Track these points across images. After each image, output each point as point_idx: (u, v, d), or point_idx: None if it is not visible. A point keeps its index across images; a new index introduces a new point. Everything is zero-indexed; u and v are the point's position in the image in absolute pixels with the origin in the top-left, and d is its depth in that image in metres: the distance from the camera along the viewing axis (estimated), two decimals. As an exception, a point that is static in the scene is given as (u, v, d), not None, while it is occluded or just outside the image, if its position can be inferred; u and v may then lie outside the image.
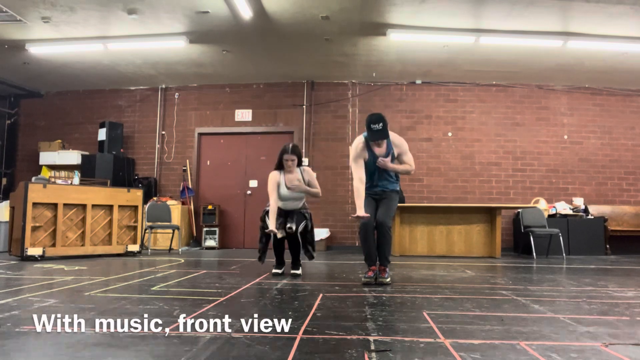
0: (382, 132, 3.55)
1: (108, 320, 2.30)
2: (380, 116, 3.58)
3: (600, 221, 7.52)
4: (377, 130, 3.54)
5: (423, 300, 3.03)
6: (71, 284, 3.58)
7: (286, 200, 4.23)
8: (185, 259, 6.00)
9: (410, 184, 8.09)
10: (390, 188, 3.87)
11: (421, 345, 1.92)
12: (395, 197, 3.91)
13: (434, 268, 5.17)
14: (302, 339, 1.99)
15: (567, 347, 1.91)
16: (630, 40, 6.25)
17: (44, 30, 6.23)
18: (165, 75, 8.21)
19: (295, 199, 4.25)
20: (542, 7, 5.44)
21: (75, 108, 8.98)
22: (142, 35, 6.41)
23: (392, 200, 3.86)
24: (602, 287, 3.76)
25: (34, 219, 5.49)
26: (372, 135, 3.58)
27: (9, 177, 8.96)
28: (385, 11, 5.67)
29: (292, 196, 4.22)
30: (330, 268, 5.08)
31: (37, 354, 1.73)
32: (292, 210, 4.25)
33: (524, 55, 6.88)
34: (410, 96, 8.28)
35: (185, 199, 8.30)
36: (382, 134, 3.55)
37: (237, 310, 2.60)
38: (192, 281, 3.83)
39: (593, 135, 8.21)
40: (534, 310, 2.70)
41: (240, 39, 6.51)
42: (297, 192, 4.21)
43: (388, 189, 3.86)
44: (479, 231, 7.06)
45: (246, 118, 8.53)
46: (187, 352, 1.77)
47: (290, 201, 4.25)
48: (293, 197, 4.23)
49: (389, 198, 3.85)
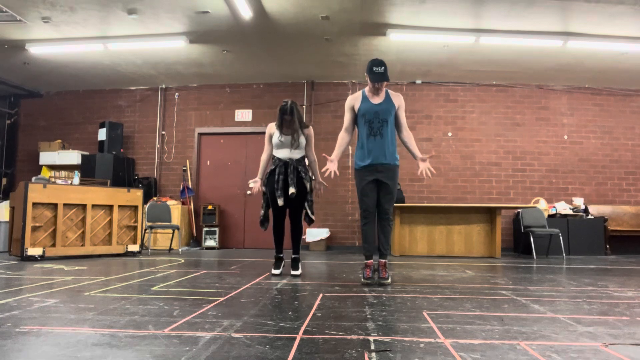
0: (384, 75, 3.63)
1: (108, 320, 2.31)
2: (382, 61, 3.69)
3: (600, 221, 7.53)
4: (380, 72, 3.63)
5: (423, 300, 3.03)
6: (71, 284, 3.58)
7: (279, 148, 4.21)
8: (185, 259, 6.00)
9: (410, 184, 8.10)
10: (392, 162, 3.72)
11: (421, 345, 1.91)
12: (397, 175, 3.80)
13: (434, 268, 5.17)
14: (302, 339, 1.99)
15: (567, 347, 1.91)
16: (630, 40, 6.25)
17: (44, 30, 6.24)
18: (165, 75, 8.21)
19: (287, 145, 4.19)
20: (542, 7, 5.45)
21: (75, 108, 8.98)
22: (142, 35, 6.41)
23: (394, 184, 3.77)
24: (602, 287, 3.76)
25: (34, 219, 5.49)
26: (373, 77, 3.65)
27: (9, 177, 8.96)
28: (385, 11, 5.68)
29: (284, 143, 4.18)
30: (330, 268, 5.08)
31: (37, 354, 1.73)
32: (290, 163, 4.17)
33: (524, 55, 6.89)
34: (410, 96, 8.28)
35: (185, 199, 8.30)
36: (383, 76, 3.64)
37: (237, 310, 2.59)
38: (192, 281, 3.83)
39: (593, 135, 8.21)
40: (534, 310, 2.70)
41: (240, 39, 6.52)
42: (292, 139, 4.17)
43: (390, 163, 3.71)
44: (479, 231, 7.07)
45: (246, 118, 8.54)
46: (187, 352, 1.77)
47: (282, 149, 4.21)
48: (284, 144, 4.18)
49: (392, 180, 3.72)
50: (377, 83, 3.66)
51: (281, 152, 4.22)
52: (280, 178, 4.14)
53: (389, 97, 3.77)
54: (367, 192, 3.73)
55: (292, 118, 4.15)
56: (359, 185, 3.79)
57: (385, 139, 3.70)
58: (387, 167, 3.72)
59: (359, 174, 3.79)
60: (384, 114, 3.70)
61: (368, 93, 3.78)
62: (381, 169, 3.71)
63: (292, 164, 4.18)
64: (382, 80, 3.65)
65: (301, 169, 4.21)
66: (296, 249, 4.38)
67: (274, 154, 4.27)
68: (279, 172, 4.16)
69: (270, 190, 4.22)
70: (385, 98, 3.75)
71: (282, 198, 4.12)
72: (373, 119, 3.70)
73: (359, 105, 3.77)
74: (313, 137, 4.33)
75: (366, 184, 3.73)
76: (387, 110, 3.71)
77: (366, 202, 3.74)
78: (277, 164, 4.20)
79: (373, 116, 3.70)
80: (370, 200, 3.73)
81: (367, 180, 3.72)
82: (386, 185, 3.73)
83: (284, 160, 4.20)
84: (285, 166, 4.18)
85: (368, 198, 3.73)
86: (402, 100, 3.85)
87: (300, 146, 4.24)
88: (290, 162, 4.18)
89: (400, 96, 3.85)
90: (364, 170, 3.74)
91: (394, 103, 3.75)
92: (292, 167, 4.16)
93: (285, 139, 4.18)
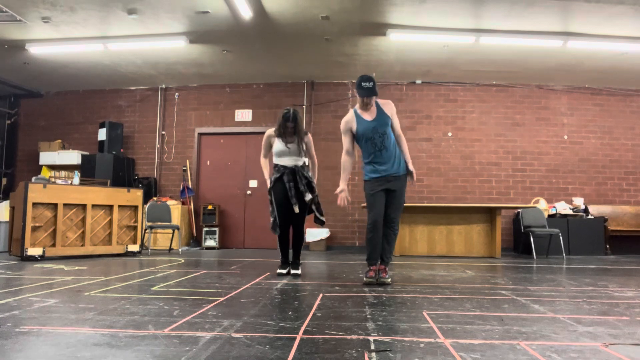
0: (372, 90, 3.68)
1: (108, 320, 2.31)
2: (371, 77, 3.74)
3: (600, 221, 7.52)
4: (368, 87, 3.68)
5: (423, 300, 3.03)
6: (71, 284, 3.58)
7: (283, 156, 4.22)
8: (185, 259, 6.00)
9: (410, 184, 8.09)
10: (402, 171, 3.78)
11: (421, 345, 1.91)
12: (406, 184, 3.84)
13: (434, 268, 5.17)
14: (302, 339, 1.99)
15: (567, 347, 1.91)
16: (630, 40, 6.25)
17: (44, 30, 6.23)
18: (165, 75, 8.21)
19: (293, 153, 4.21)
20: (542, 7, 5.45)
21: (75, 108, 8.98)
22: (142, 35, 6.41)
23: (404, 193, 3.81)
24: (602, 287, 3.76)
25: (34, 219, 5.49)
26: (362, 92, 3.70)
27: (9, 177, 8.96)
28: (385, 11, 5.67)
29: (290, 151, 4.19)
30: (330, 268, 5.08)
31: (37, 354, 1.73)
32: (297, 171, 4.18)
33: (524, 55, 6.88)
34: (410, 96, 8.28)
35: (185, 199, 8.30)
36: (371, 91, 3.68)
37: (237, 310, 2.59)
38: (192, 281, 3.83)
39: (593, 135, 8.21)
40: (534, 310, 2.70)
41: (240, 39, 6.52)
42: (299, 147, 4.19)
43: (399, 173, 3.77)
44: (479, 231, 7.06)
45: (246, 118, 8.54)
46: (187, 352, 1.77)
47: (287, 157, 4.22)
48: (291, 152, 4.20)
49: (402, 189, 3.78)
50: (365, 98, 3.70)
51: (285, 159, 4.22)
52: (292, 185, 4.14)
53: (381, 109, 3.79)
54: (377, 199, 3.74)
55: (295, 125, 4.16)
56: (369, 194, 3.79)
57: (390, 150, 3.75)
58: (398, 177, 3.77)
59: (370, 185, 3.80)
60: (381, 127, 3.75)
61: (359, 110, 3.81)
62: (391, 179, 3.75)
63: (299, 171, 4.19)
64: (370, 95, 3.68)
65: (307, 175, 4.24)
66: (297, 255, 4.38)
67: (277, 162, 4.25)
68: (288, 179, 4.15)
69: (279, 198, 4.18)
70: (377, 112, 3.78)
71: (297, 205, 4.12)
72: (373, 136, 3.74)
73: (356, 127, 3.79)
74: (312, 142, 4.39)
75: (376, 192, 3.74)
76: (383, 123, 3.76)
77: (375, 212, 3.73)
78: (283, 171, 4.19)
79: (372, 133, 3.74)
80: (378, 210, 3.74)
81: (377, 189, 3.74)
82: (395, 193, 3.76)
83: (290, 167, 4.20)
84: (293, 173, 4.18)
85: (377, 208, 3.74)
86: (392, 107, 3.87)
87: (301, 154, 4.27)
88: (296, 169, 4.20)
89: (390, 103, 3.87)
90: (376, 181, 3.76)
91: (386, 114, 3.79)
92: (300, 174, 4.18)
93: (292, 147, 4.19)
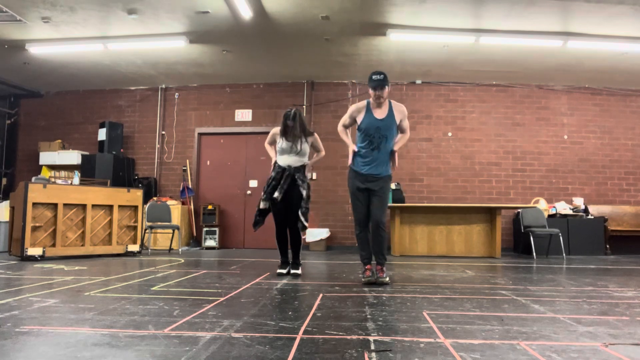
0: (382, 81, 3.71)
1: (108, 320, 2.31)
2: (382, 72, 3.78)
3: (600, 221, 7.52)
4: (378, 79, 3.71)
5: (423, 300, 3.03)
6: (71, 284, 3.58)
7: (283, 154, 4.25)
8: (185, 259, 6.00)
9: (410, 184, 8.10)
10: (384, 173, 3.84)
11: (421, 345, 1.92)
12: (389, 186, 3.92)
13: (434, 268, 5.17)
14: (302, 339, 1.99)
15: (567, 347, 1.91)
16: (630, 40, 6.25)
17: (44, 30, 6.23)
18: (165, 75, 8.21)
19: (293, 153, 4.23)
20: (542, 7, 5.44)
21: (75, 108, 8.98)
22: (142, 35, 6.41)
23: (385, 193, 3.86)
24: (602, 287, 3.76)
25: (34, 219, 5.49)
26: (372, 83, 3.73)
27: (9, 177, 8.96)
28: (385, 11, 5.67)
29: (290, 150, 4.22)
30: (330, 268, 5.08)
31: (37, 354, 1.73)
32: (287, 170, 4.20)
33: (524, 55, 6.88)
34: (410, 96, 8.27)
35: (185, 199, 8.30)
36: (381, 81, 3.71)
37: (237, 310, 2.59)
38: (192, 281, 3.83)
39: (593, 135, 8.21)
40: (534, 310, 2.70)
41: (240, 39, 6.52)
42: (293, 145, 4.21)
43: (381, 174, 3.83)
44: (479, 231, 7.06)
45: (246, 118, 8.54)
46: (187, 352, 1.77)
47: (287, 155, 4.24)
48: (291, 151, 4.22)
49: (383, 189, 3.83)
50: (377, 90, 3.72)
51: (282, 158, 4.28)
52: (272, 184, 4.21)
53: (392, 111, 3.82)
54: (359, 200, 3.86)
55: (295, 124, 4.19)
56: (351, 187, 3.92)
57: (382, 152, 3.82)
58: (378, 177, 3.83)
59: (352, 175, 3.91)
60: (385, 129, 3.78)
61: (372, 104, 3.84)
62: (371, 179, 3.83)
63: (289, 171, 4.21)
64: (380, 84, 3.70)
65: (299, 175, 4.23)
66: (296, 255, 4.39)
67: (276, 160, 4.32)
68: (274, 177, 4.23)
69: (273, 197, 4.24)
70: (389, 112, 3.81)
71: (266, 202, 4.22)
72: (374, 134, 3.79)
73: (362, 118, 3.83)
74: (319, 140, 4.46)
75: (357, 189, 3.85)
76: (389, 127, 3.79)
77: (358, 212, 3.88)
78: (277, 170, 4.25)
79: (374, 131, 3.78)
80: (361, 210, 3.87)
81: (357, 186, 3.85)
82: (377, 192, 3.81)
83: (283, 167, 4.25)
84: (282, 173, 4.22)
85: (359, 208, 3.87)
86: (404, 110, 3.91)
87: (302, 153, 4.27)
88: (288, 169, 4.22)
89: (402, 108, 3.91)
90: (358, 175, 3.86)
91: (395, 119, 3.82)
92: (287, 174, 4.20)
93: (286, 144, 4.24)
